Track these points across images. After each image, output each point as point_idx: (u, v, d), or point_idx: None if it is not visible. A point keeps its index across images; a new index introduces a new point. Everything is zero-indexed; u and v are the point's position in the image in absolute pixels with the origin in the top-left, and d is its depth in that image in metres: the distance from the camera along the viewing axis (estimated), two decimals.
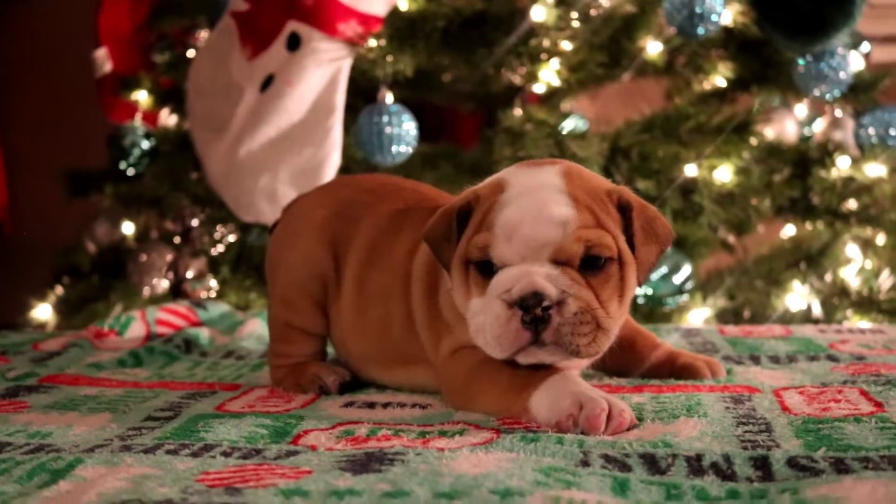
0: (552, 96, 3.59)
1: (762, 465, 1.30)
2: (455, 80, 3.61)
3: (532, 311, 1.54)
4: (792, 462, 1.30)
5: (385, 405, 1.78)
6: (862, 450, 1.34)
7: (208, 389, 1.97)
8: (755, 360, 2.09)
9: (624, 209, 1.66)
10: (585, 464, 1.32)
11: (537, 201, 1.60)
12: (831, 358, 2.07)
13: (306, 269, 1.98)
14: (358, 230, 1.97)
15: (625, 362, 1.91)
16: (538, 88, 3.41)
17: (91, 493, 1.22)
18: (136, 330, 2.63)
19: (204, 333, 2.56)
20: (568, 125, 3.36)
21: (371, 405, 1.78)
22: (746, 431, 1.47)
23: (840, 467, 1.27)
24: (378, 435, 1.52)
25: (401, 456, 1.35)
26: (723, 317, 3.31)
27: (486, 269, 1.62)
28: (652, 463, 1.33)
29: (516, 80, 3.40)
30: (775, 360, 2.09)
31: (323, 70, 3.04)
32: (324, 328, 2.01)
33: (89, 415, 1.72)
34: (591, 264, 1.59)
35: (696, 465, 1.31)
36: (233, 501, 1.17)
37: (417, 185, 2.14)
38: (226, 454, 1.43)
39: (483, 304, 1.61)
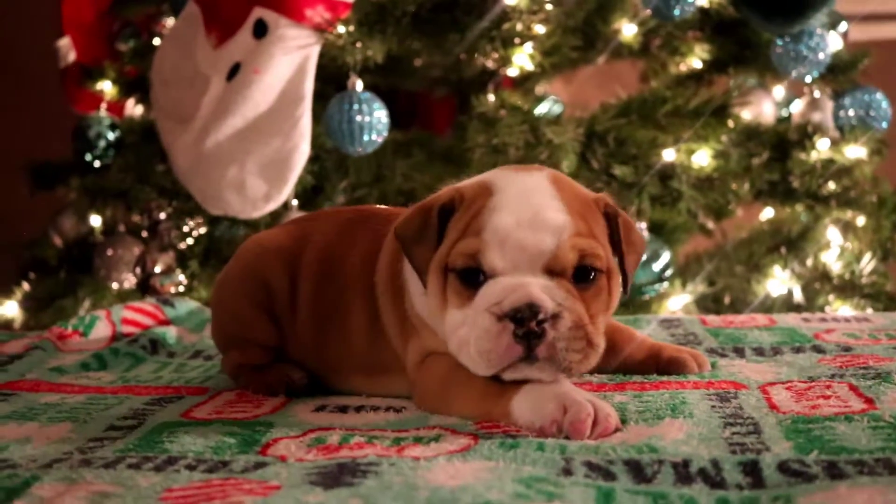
0: (526, 80, 3.53)
1: (752, 471, 1.24)
2: (427, 65, 3.54)
3: (526, 324, 1.45)
4: (783, 467, 1.25)
5: (358, 409, 1.70)
6: (856, 452, 1.28)
7: (174, 394, 1.89)
8: (739, 352, 2.02)
9: (609, 217, 1.61)
10: (568, 472, 1.26)
11: (532, 206, 1.51)
12: (817, 349, 2.01)
13: (253, 278, 1.90)
14: (308, 245, 1.90)
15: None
16: (512, 72, 3.35)
17: None
18: (102, 330, 2.53)
19: (171, 332, 2.48)
20: (542, 109, 3.30)
21: (343, 409, 1.71)
22: (735, 433, 1.40)
23: (834, 472, 1.21)
24: (351, 443, 1.45)
25: (374, 467, 1.29)
26: (703, 303, 3.27)
27: (469, 277, 1.52)
28: (637, 470, 1.26)
29: (490, 64, 3.34)
30: (760, 352, 2.02)
31: (290, 58, 2.97)
32: (276, 339, 1.91)
33: (49, 425, 1.64)
34: (582, 276, 1.52)
35: (683, 471, 1.25)
36: None
37: (361, 207, 2.15)
38: (190, 467, 1.35)
39: (466, 317, 1.51)
